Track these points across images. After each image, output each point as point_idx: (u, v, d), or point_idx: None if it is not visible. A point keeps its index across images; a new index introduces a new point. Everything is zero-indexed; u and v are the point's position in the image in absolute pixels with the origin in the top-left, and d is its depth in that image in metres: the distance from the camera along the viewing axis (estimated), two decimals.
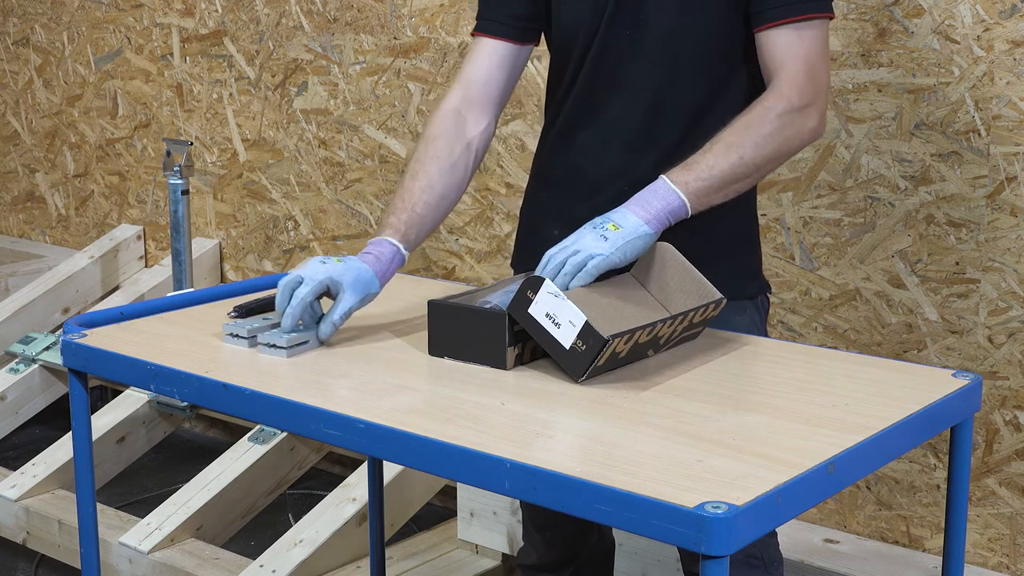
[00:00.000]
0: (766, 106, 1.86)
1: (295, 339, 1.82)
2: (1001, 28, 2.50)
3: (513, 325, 1.73)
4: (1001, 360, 2.58)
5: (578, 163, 2.04)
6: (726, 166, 1.83)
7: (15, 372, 3.80)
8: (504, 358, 1.73)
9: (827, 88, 1.92)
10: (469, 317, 1.77)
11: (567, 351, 1.66)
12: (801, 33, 1.88)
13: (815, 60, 1.89)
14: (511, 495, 1.44)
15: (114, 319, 2.04)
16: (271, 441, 3.22)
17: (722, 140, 1.85)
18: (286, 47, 3.77)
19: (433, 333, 1.81)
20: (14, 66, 4.66)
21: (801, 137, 1.88)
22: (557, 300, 1.66)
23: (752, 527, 1.30)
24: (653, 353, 1.78)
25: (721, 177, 1.83)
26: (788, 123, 1.85)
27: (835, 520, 2.83)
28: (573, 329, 1.65)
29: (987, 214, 2.56)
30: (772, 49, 1.90)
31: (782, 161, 1.90)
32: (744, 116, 1.86)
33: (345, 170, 3.70)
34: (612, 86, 1.98)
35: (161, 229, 4.28)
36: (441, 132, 2.03)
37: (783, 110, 1.85)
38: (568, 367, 1.67)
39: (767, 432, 1.50)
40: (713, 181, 1.83)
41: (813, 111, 1.87)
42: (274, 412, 1.66)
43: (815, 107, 1.88)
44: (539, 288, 1.68)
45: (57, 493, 3.35)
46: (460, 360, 1.78)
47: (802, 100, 1.86)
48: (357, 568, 2.91)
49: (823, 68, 1.90)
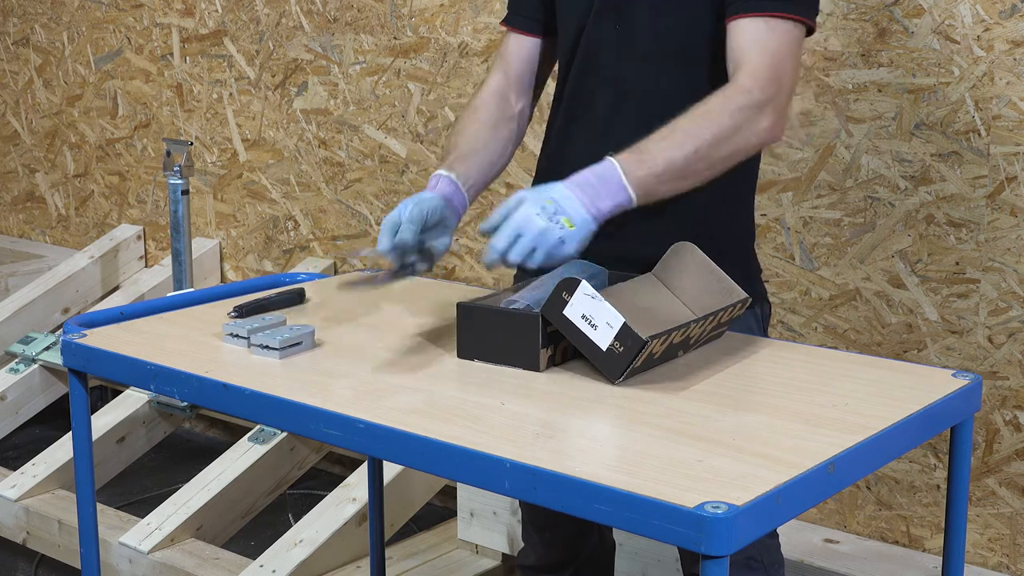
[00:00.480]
0: (726, 95, 1.79)
1: (288, 340, 1.82)
2: (1001, 28, 2.50)
3: (546, 326, 1.70)
4: (1001, 360, 2.58)
5: (573, 160, 2.02)
6: (680, 159, 1.75)
7: (15, 372, 3.80)
8: (537, 360, 1.71)
9: (790, 91, 1.83)
10: (501, 319, 1.74)
11: (604, 353, 1.63)
12: (772, 28, 1.82)
13: (782, 57, 1.81)
14: (511, 495, 1.44)
15: (114, 319, 2.05)
16: (271, 441, 3.22)
17: (679, 129, 1.77)
18: (286, 47, 3.77)
19: (462, 335, 1.77)
20: (14, 66, 4.66)
21: (757, 135, 1.79)
22: (594, 301, 1.64)
23: (752, 527, 1.30)
24: (683, 353, 1.77)
25: (674, 171, 1.76)
26: (746, 119, 1.77)
27: (835, 520, 2.83)
28: (610, 330, 1.63)
29: (987, 214, 2.56)
30: (739, 40, 1.83)
31: (734, 161, 1.81)
32: (702, 105, 1.78)
33: (345, 170, 3.71)
34: (602, 83, 1.97)
35: (161, 229, 4.28)
36: (483, 104, 2.05)
37: (743, 103, 1.77)
38: (605, 369, 1.65)
39: (767, 432, 1.50)
40: (667, 176, 1.75)
41: (770, 110, 1.79)
42: (274, 412, 1.66)
43: (773, 106, 1.79)
44: (575, 289, 1.65)
45: (57, 493, 3.35)
46: (490, 362, 1.75)
47: (763, 95, 1.78)
48: (357, 568, 2.91)
49: (789, 70, 1.82)
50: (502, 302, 1.82)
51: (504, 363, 1.74)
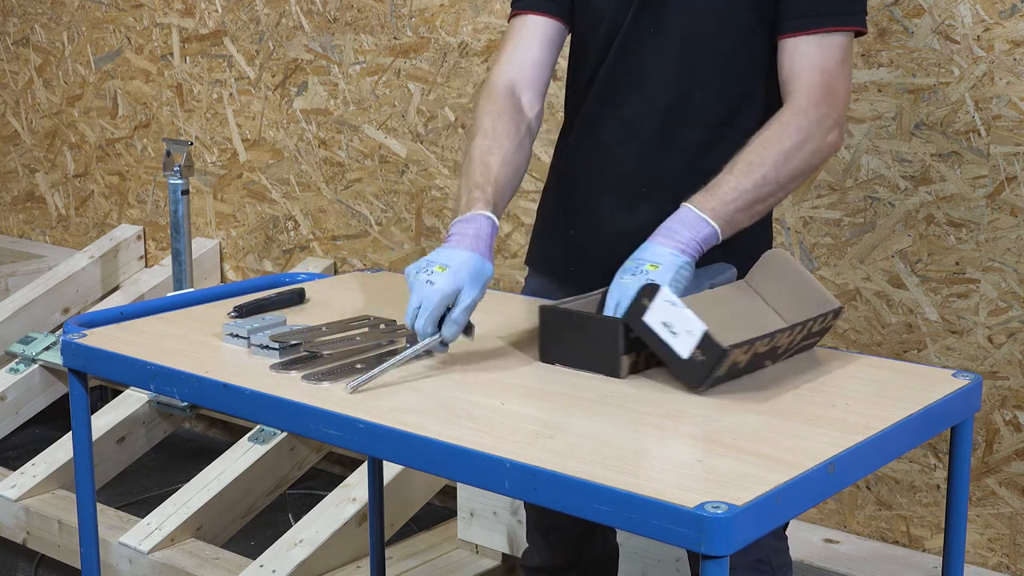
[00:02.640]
0: (784, 120, 1.84)
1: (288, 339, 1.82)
2: (1001, 28, 2.50)
3: (628, 332, 1.68)
4: (1001, 360, 2.58)
5: (598, 159, 2.02)
6: (750, 186, 1.79)
7: (15, 372, 3.80)
8: (618, 366, 1.68)
9: (845, 101, 1.88)
10: (583, 323, 1.72)
11: (684, 361, 1.61)
12: (823, 44, 1.86)
13: (833, 72, 1.86)
14: (511, 495, 1.43)
15: (114, 319, 2.04)
16: (271, 441, 3.22)
17: (743, 159, 1.81)
18: (286, 47, 3.77)
19: (544, 339, 1.74)
20: (14, 66, 4.66)
21: (822, 151, 1.85)
22: (675, 309, 1.62)
23: (752, 527, 1.30)
24: (771, 363, 1.74)
25: (747, 198, 1.79)
26: (808, 137, 1.82)
27: (835, 520, 2.83)
28: (691, 339, 1.60)
29: (987, 214, 2.56)
30: (791, 59, 1.87)
31: (805, 177, 1.86)
32: (763, 133, 1.83)
33: (345, 170, 3.71)
34: (632, 83, 1.96)
35: (161, 229, 4.28)
36: (503, 110, 1.95)
37: (802, 124, 1.82)
38: (685, 377, 1.63)
39: (767, 432, 1.50)
40: (740, 203, 1.79)
41: (831, 124, 1.84)
42: (274, 412, 1.66)
43: (833, 120, 1.85)
44: (655, 296, 1.63)
45: (57, 493, 3.35)
46: (572, 367, 1.72)
47: (819, 113, 1.83)
48: (357, 568, 2.91)
49: (842, 81, 1.87)
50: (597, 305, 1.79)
51: (585, 368, 1.71)
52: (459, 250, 1.74)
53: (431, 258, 1.74)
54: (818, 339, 1.83)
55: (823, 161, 1.87)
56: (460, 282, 1.71)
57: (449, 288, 1.70)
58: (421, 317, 1.70)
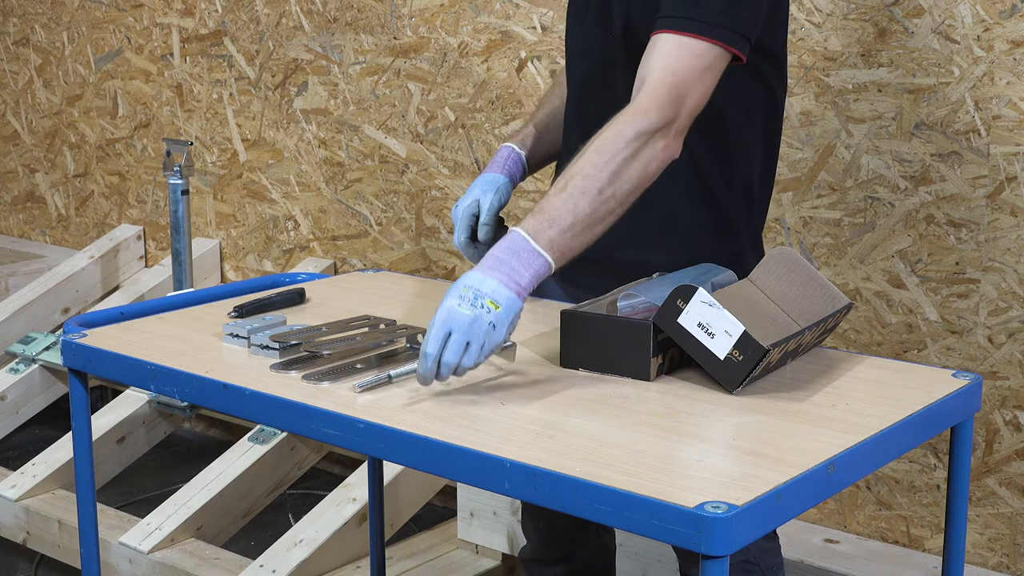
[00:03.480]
0: (622, 122, 1.73)
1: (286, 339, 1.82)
2: (1001, 28, 2.50)
3: (657, 334, 1.67)
4: (1001, 360, 2.58)
5: None
6: (586, 207, 1.69)
7: (15, 372, 3.80)
8: (648, 369, 1.68)
9: (692, 113, 1.77)
10: (610, 327, 1.70)
11: (722, 362, 1.61)
12: (683, 49, 1.76)
13: (686, 79, 1.75)
14: (511, 495, 1.44)
15: (114, 319, 2.05)
16: (271, 441, 3.22)
17: (578, 172, 1.70)
18: (286, 47, 3.77)
19: (566, 344, 1.72)
20: (14, 66, 4.66)
21: (655, 159, 1.74)
22: (712, 309, 1.61)
23: (752, 527, 1.30)
24: (791, 361, 1.74)
25: (585, 222, 1.69)
26: (643, 145, 1.72)
27: (835, 520, 2.83)
28: (729, 339, 1.60)
29: (987, 214, 2.56)
30: (648, 56, 1.79)
31: (642, 189, 1.75)
32: (598, 138, 1.73)
33: (345, 170, 3.71)
34: (599, 92, 1.95)
35: (161, 229, 4.28)
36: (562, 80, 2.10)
37: (640, 130, 1.72)
38: (722, 378, 1.62)
39: (767, 432, 1.50)
40: (577, 229, 1.69)
41: (668, 132, 1.74)
42: (274, 412, 1.66)
43: (672, 128, 1.74)
44: (691, 297, 1.62)
45: (57, 493, 3.34)
46: (596, 372, 1.71)
47: (660, 118, 1.73)
48: (357, 568, 2.91)
49: (694, 92, 1.76)
50: (605, 308, 1.77)
51: (611, 372, 1.70)
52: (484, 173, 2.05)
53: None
54: (827, 336, 1.83)
55: (656, 172, 1.76)
56: (474, 193, 2.01)
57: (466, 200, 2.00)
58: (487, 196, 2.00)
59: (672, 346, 1.69)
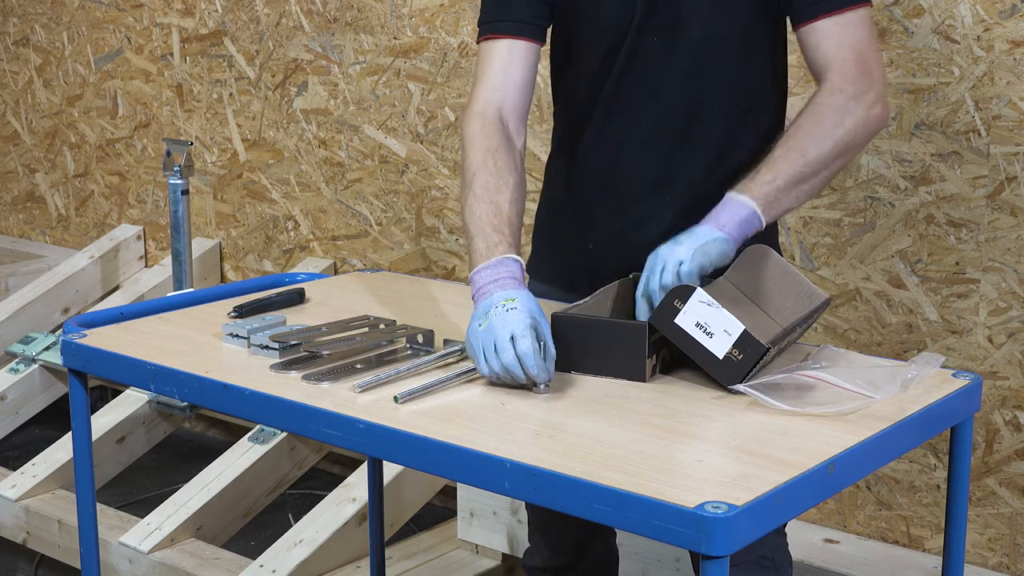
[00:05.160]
0: (818, 101, 1.83)
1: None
2: (1001, 28, 2.50)
3: (651, 335, 1.67)
4: (1001, 360, 2.58)
5: (612, 174, 1.99)
6: (788, 167, 1.78)
7: (15, 372, 3.80)
8: (643, 370, 1.68)
9: (881, 74, 1.87)
10: (604, 330, 1.70)
11: (721, 361, 1.62)
12: (846, 23, 1.85)
13: (863, 48, 1.85)
14: (511, 495, 1.44)
15: (114, 319, 2.05)
16: (271, 441, 3.22)
17: (781, 144, 1.81)
18: (286, 47, 3.77)
19: (559, 348, 1.70)
20: (14, 66, 4.66)
21: (866, 125, 1.83)
22: (710, 309, 1.62)
23: (752, 527, 1.30)
24: (776, 358, 1.75)
25: (787, 178, 1.79)
26: (846, 113, 1.81)
27: (835, 520, 2.83)
28: (728, 338, 1.61)
29: (987, 214, 2.56)
30: (818, 44, 1.87)
31: (853, 154, 1.85)
32: (799, 117, 1.83)
33: (345, 170, 3.71)
34: (645, 94, 1.94)
35: (161, 229, 4.28)
36: (500, 144, 1.91)
37: (837, 102, 1.81)
38: (721, 377, 1.63)
39: (767, 432, 1.50)
40: (779, 183, 1.78)
41: (871, 97, 1.83)
42: (274, 412, 1.66)
43: (872, 93, 1.83)
44: (688, 297, 1.63)
45: (57, 493, 3.35)
46: (591, 374, 1.71)
47: (857, 89, 1.82)
48: (357, 568, 2.91)
49: (874, 55, 1.86)
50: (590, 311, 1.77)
51: (605, 374, 1.70)
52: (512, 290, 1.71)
53: (490, 303, 1.68)
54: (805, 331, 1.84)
55: (869, 136, 1.85)
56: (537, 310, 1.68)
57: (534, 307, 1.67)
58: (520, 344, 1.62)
59: (664, 346, 1.69)
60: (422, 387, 1.63)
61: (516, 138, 1.95)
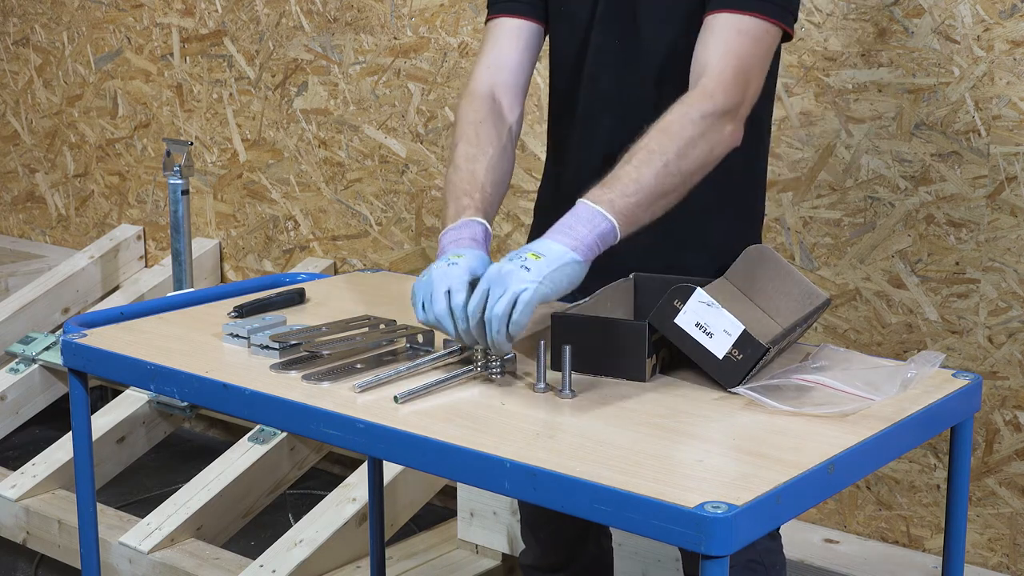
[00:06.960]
0: (688, 105, 1.72)
1: None
2: (1001, 28, 2.50)
3: (651, 335, 1.66)
4: (1001, 360, 2.58)
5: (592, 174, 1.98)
6: (651, 177, 1.67)
7: (15, 372, 3.80)
8: (643, 370, 1.67)
9: (754, 96, 1.78)
10: (604, 329, 1.68)
11: (720, 361, 1.61)
12: (742, 30, 1.76)
13: (749, 62, 1.75)
14: (511, 495, 1.44)
15: (114, 319, 2.05)
16: (271, 441, 3.22)
17: (643, 148, 1.70)
18: (286, 47, 3.77)
19: (556, 348, 1.69)
20: (14, 66, 4.66)
21: (722, 143, 1.74)
22: (710, 309, 1.60)
23: (752, 527, 1.30)
24: (777, 357, 1.74)
25: (648, 191, 1.67)
26: (710, 127, 1.71)
27: (835, 520, 2.83)
28: (728, 338, 1.59)
29: (987, 214, 2.56)
30: (707, 39, 1.77)
31: (706, 171, 1.74)
32: (664, 119, 1.72)
33: (345, 170, 3.71)
34: (605, 104, 1.93)
35: (161, 229, 4.28)
36: (485, 116, 1.91)
37: (706, 112, 1.71)
38: (721, 377, 1.62)
39: (767, 432, 1.50)
40: (640, 196, 1.67)
41: (734, 117, 1.74)
42: (274, 412, 1.66)
43: (737, 113, 1.74)
44: (688, 297, 1.61)
45: (57, 493, 3.35)
46: (590, 374, 1.69)
47: (726, 100, 1.72)
48: (357, 568, 2.91)
49: (755, 75, 1.77)
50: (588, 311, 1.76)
51: (605, 374, 1.69)
52: (464, 248, 1.72)
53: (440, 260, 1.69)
54: (806, 331, 1.83)
55: (720, 156, 1.75)
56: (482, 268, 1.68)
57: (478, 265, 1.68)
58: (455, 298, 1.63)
59: (664, 346, 1.69)
60: (422, 387, 1.63)
61: (508, 113, 1.95)
